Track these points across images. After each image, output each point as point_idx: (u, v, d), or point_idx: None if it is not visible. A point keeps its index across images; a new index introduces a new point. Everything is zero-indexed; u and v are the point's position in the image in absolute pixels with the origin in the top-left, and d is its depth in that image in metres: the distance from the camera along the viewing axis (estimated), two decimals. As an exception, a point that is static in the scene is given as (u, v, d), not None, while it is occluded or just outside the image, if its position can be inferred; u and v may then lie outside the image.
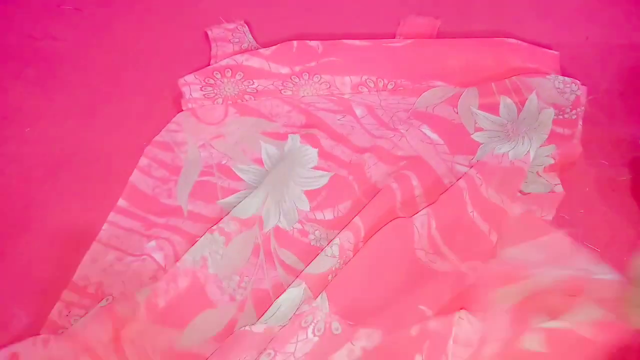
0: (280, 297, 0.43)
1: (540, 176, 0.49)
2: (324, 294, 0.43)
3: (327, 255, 0.45)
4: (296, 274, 0.45)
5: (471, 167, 0.50)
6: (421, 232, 0.46)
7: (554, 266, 0.42)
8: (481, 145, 0.51)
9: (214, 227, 0.47)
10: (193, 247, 0.46)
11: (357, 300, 0.43)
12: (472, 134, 0.52)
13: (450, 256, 0.45)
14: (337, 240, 0.45)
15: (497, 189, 0.47)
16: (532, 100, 0.53)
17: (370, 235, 0.46)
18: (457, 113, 0.53)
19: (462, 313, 0.41)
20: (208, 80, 0.56)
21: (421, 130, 0.52)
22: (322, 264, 0.45)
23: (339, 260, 0.45)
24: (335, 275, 0.44)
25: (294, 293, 0.43)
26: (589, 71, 0.57)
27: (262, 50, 0.57)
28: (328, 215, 0.49)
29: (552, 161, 0.50)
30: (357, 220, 0.46)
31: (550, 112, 0.52)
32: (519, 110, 0.53)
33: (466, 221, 0.47)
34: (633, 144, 0.53)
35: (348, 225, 0.46)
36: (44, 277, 0.47)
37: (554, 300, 0.40)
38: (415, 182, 0.49)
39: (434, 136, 0.52)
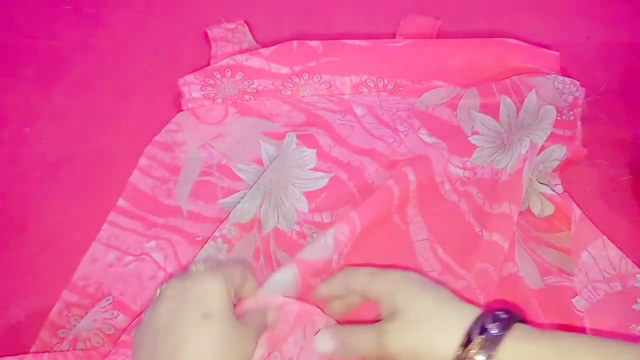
0: (271, 280, 0.40)
1: (542, 182, 0.49)
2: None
3: (321, 243, 0.44)
4: None
5: (467, 178, 0.49)
6: (427, 257, 0.46)
7: None
8: (477, 149, 0.51)
9: (216, 233, 0.46)
10: (197, 257, 0.45)
11: None
12: (469, 137, 0.52)
13: (465, 275, 0.44)
14: (332, 231, 0.44)
15: (501, 201, 0.47)
16: (531, 98, 0.52)
17: (365, 234, 0.45)
18: (456, 116, 0.53)
19: None
20: (208, 80, 0.56)
21: (419, 136, 0.52)
22: (316, 251, 0.43)
23: (332, 252, 0.43)
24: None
25: (284, 275, 0.41)
26: (589, 71, 0.56)
27: (262, 50, 0.57)
28: (326, 218, 0.48)
29: (558, 163, 0.49)
30: (353, 215, 0.45)
31: (551, 109, 0.51)
32: (518, 110, 0.52)
33: (474, 239, 0.46)
34: (633, 144, 0.53)
35: (344, 217, 0.45)
36: (44, 277, 0.47)
37: None
38: (412, 176, 0.49)
39: (432, 139, 0.52)
